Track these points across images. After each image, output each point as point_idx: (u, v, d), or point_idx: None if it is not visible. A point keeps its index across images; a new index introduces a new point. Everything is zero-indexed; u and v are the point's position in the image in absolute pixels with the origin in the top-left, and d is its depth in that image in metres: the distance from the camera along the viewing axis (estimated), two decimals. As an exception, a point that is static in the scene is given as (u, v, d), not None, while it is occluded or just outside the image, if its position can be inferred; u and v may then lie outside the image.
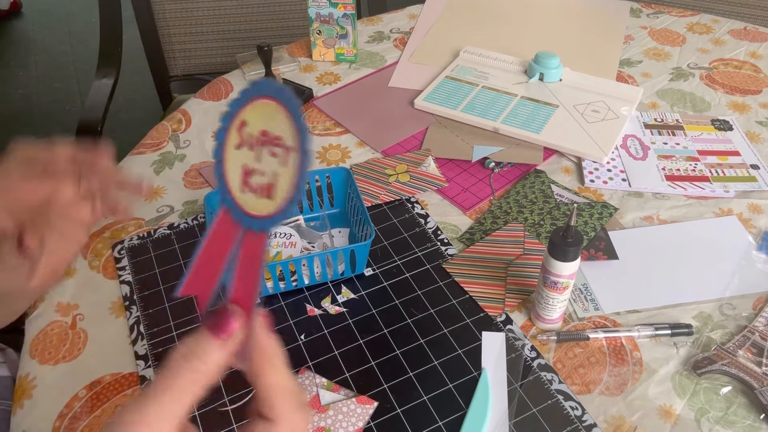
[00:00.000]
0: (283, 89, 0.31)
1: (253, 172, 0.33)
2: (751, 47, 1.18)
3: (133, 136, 1.19)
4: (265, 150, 0.32)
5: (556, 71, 1.05)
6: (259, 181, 0.33)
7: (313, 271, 0.73)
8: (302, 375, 0.63)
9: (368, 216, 0.72)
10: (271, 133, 0.32)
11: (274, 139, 0.32)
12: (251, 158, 0.33)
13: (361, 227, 0.75)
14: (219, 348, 0.31)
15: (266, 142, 0.32)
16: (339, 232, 0.81)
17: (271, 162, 0.32)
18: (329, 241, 0.79)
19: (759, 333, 0.67)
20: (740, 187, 0.86)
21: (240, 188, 0.34)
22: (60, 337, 0.70)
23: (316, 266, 0.73)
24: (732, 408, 0.61)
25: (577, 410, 0.61)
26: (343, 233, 0.80)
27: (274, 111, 0.32)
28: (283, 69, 1.14)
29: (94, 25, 1.42)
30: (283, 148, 0.32)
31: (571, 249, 0.61)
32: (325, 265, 0.74)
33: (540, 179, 0.88)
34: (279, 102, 0.31)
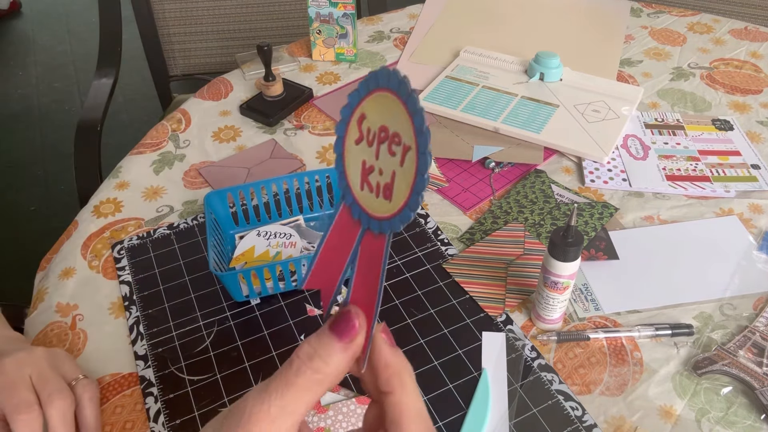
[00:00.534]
0: (404, 82, 0.28)
1: (372, 169, 0.31)
2: (752, 47, 1.18)
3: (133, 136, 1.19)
4: (384, 147, 0.30)
5: (557, 71, 1.05)
6: (378, 180, 0.31)
7: None
8: None
9: None
10: (390, 130, 0.30)
11: (393, 136, 0.30)
12: (370, 155, 0.31)
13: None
14: (341, 351, 0.30)
15: (385, 139, 0.30)
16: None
17: (390, 161, 0.30)
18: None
19: (759, 333, 0.67)
20: (741, 187, 0.86)
21: (359, 185, 0.32)
22: (59, 338, 0.70)
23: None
24: (732, 408, 0.61)
25: (577, 410, 0.61)
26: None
27: (393, 105, 0.29)
28: (283, 69, 1.14)
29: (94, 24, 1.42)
30: (401, 146, 0.29)
31: (571, 249, 0.61)
32: None
33: (540, 179, 0.88)
34: (398, 96, 0.29)
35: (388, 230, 0.31)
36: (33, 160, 2.25)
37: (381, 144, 0.30)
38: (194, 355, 0.67)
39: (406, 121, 0.29)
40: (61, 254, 0.80)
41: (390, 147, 0.30)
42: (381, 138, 0.30)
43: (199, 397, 0.63)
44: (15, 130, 2.40)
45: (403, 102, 0.29)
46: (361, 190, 0.32)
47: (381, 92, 0.30)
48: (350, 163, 0.32)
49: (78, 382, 0.60)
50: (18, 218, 2.03)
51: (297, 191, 0.84)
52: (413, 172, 0.29)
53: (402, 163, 0.29)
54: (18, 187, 2.15)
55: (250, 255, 0.76)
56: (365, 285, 0.32)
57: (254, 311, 0.72)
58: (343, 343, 0.30)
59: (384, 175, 0.31)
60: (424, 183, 0.29)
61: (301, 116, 1.03)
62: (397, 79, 0.29)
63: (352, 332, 0.31)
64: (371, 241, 0.32)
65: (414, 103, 0.29)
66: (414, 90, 0.28)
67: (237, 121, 1.02)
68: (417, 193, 0.29)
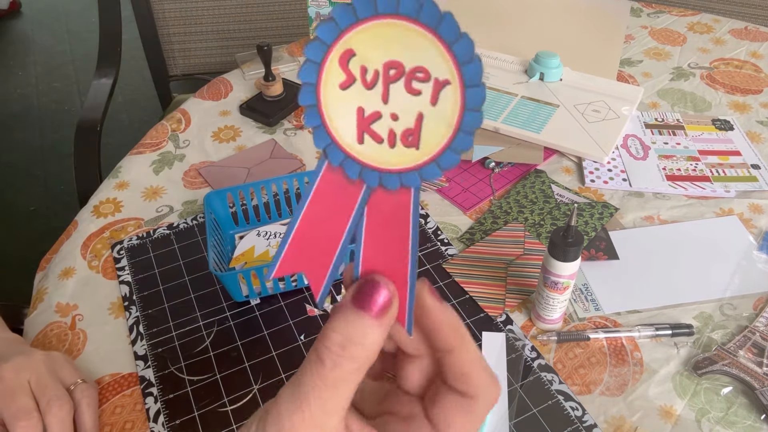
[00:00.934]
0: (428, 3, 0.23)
1: (377, 116, 0.26)
2: (752, 47, 1.18)
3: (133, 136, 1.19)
4: (397, 87, 0.25)
5: (557, 71, 1.05)
6: (392, 127, 0.26)
7: None
8: None
9: None
10: (407, 65, 0.24)
11: (414, 71, 0.24)
12: (371, 98, 0.25)
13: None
14: (376, 327, 0.26)
15: (398, 77, 0.24)
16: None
17: (411, 102, 0.25)
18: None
19: (760, 333, 0.67)
20: (741, 187, 0.86)
21: (356, 137, 0.26)
22: (59, 338, 0.70)
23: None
24: (732, 408, 0.61)
25: (577, 411, 0.61)
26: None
27: (409, 34, 0.24)
28: (283, 69, 1.14)
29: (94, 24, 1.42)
30: (430, 82, 0.24)
31: (571, 249, 0.61)
32: None
33: (540, 179, 0.88)
34: (419, 22, 0.23)
35: (417, 182, 0.26)
36: (32, 160, 2.25)
37: (391, 83, 0.25)
38: (194, 355, 0.67)
39: (434, 51, 0.24)
40: (61, 254, 0.80)
41: (409, 85, 0.24)
42: (390, 77, 0.25)
43: (199, 398, 0.63)
44: (14, 130, 2.40)
45: (430, 29, 0.23)
46: (360, 143, 0.26)
47: (383, 20, 0.24)
48: (335, 114, 0.26)
49: (77, 387, 0.60)
50: (17, 218, 2.03)
51: (297, 191, 0.84)
52: (458, 107, 0.25)
53: (434, 101, 0.24)
54: (18, 187, 2.15)
55: (250, 255, 0.76)
56: (386, 250, 0.27)
57: (254, 311, 0.72)
58: (376, 318, 0.26)
59: (402, 120, 0.25)
60: (478, 119, 0.24)
61: (301, 116, 1.03)
62: (413, 2, 0.23)
63: (385, 302, 0.26)
64: (386, 199, 0.27)
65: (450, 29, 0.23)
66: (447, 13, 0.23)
67: (237, 121, 1.02)
68: (465, 132, 0.25)
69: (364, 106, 0.25)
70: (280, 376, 0.65)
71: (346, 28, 0.24)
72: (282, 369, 0.66)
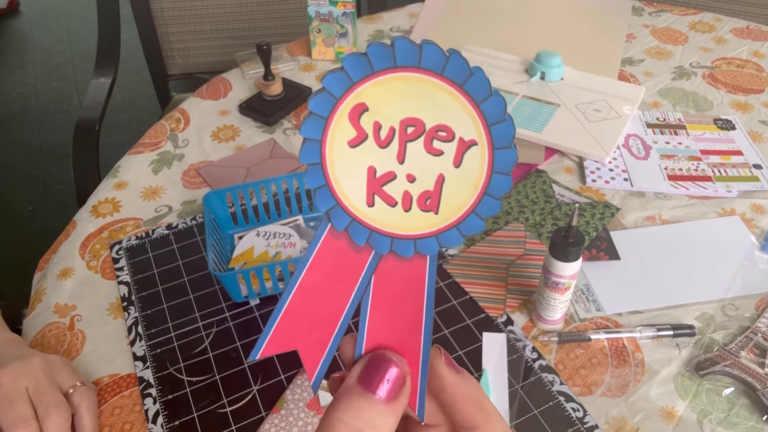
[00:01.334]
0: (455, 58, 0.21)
1: (392, 176, 0.24)
2: (754, 46, 1.18)
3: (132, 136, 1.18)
4: (416, 146, 0.23)
5: (558, 70, 1.05)
6: (408, 189, 0.24)
7: None
8: (301, 376, 0.62)
9: None
10: (428, 123, 0.22)
11: (435, 129, 0.23)
12: (384, 157, 0.23)
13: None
14: (389, 413, 0.23)
15: (417, 135, 0.23)
16: (339, 232, 0.80)
17: (431, 162, 0.23)
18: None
19: (762, 334, 0.67)
20: (743, 186, 0.86)
21: (366, 200, 0.24)
22: (58, 338, 0.69)
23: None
24: (734, 409, 0.61)
25: (578, 412, 0.61)
26: (342, 233, 0.80)
27: (428, 88, 0.22)
28: (282, 68, 1.13)
29: (92, 24, 1.41)
30: (454, 141, 0.23)
31: (572, 249, 0.61)
32: None
33: (541, 179, 0.87)
34: (444, 78, 0.22)
35: (435, 249, 0.24)
36: (31, 159, 2.25)
37: (408, 141, 0.23)
38: (193, 355, 0.67)
39: (460, 109, 0.22)
40: (59, 254, 0.80)
41: (429, 144, 0.23)
42: (407, 135, 0.23)
43: (198, 398, 0.63)
44: (13, 130, 2.40)
45: (457, 85, 0.22)
46: (370, 205, 0.24)
47: (402, 73, 0.22)
48: (342, 174, 0.24)
49: (75, 390, 0.60)
50: (16, 218, 2.02)
51: (297, 191, 0.83)
52: (485, 170, 0.23)
53: (458, 163, 0.23)
54: (16, 187, 2.14)
55: (249, 255, 0.75)
56: (395, 324, 0.25)
57: (253, 312, 0.71)
58: (387, 402, 0.23)
59: (419, 182, 0.24)
60: (507, 183, 0.22)
61: (301, 116, 1.03)
62: (438, 56, 0.21)
63: (398, 382, 0.24)
64: (397, 267, 0.25)
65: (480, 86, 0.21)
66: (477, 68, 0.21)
67: (236, 121, 1.02)
68: (492, 197, 0.23)
69: (376, 165, 0.23)
70: (279, 377, 0.64)
71: (359, 80, 0.22)
72: (281, 370, 0.65)
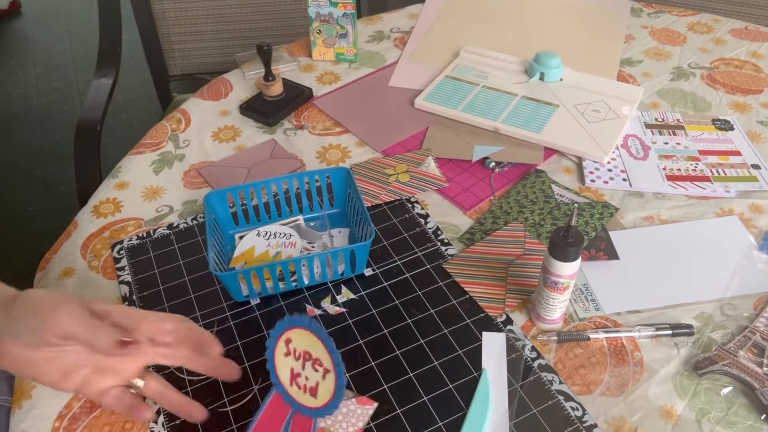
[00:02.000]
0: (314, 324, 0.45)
1: (299, 375, 0.49)
2: (752, 47, 1.18)
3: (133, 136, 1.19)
4: (309, 365, 0.47)
5: (557, 71, 1.05)
6: (305, 383, 0.49)
7: (313, 271, 0.72)
8: None
9: (368, 216, 0.72)
10: (313, 356, 0.46)
11: (315, 361, 0.46)
12: (297, 366, 0.48)
13: (361, 227, 0.75)
14: None
15: (308, 359, 0.46)
16: (339, 232, 0.80)
17: (313, 374, 0.48)
18: (329, 241, 0.79)
19: (760, 333, 0.67)
20: (741, 187, 0.86)
21: (289, 383, 0.49)
22: (59, 338, 0.70)
23: (316, 266, 0.73)
24: (733, 408, 0.61)
25: (577, 411, 0.61)
26: (343, 233, 0.80)
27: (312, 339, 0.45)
28: (282, 68, 1.14)
29: (94, 24, 1.42)
30: (322, 368, 0.46)
31: (571, 249, 0.61)
32: (325, 266, 0.73)
33: (540, 179, 0.88)
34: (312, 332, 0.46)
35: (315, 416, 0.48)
36: (32, 160, 2.25)
37: (306, 362, 0.47)
38: (194, 355, 0.67)
39: (323, 351, 0.46)
40: (61, 254, 0.80)
41: (314, 366, 0.47)
42: (305, 358, 0.47)
43: (198, 398, 0.63)
44: (14, 130, 2.40)
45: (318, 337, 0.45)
46: (291, 386, 0.49)
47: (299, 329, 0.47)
48: (281, 367, 0.50)
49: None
50: (17, 218, 2.03)
51: (297, 191, 0.84)
52: (332, 387, 0.47)
53: (324, 378, 0.47)
54: (17, 187, 2.15)
55: (249, 255, 0.76)
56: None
57: (254, 311, 0.72)
58: None
59: (309, 381, 0.49)
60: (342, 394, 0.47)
61: (301, 116, 1.03)
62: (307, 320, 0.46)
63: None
64: (301, 419, 0.49)
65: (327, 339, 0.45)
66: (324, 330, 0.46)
67: (237, 121, 1.02)
68: (337, 399, 0.46)
69: (294, 369, 0.50)
70: (280, 376, 0.64)
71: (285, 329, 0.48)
72: (282, 369, 0.66)
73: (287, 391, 0.50)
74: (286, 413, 0.51)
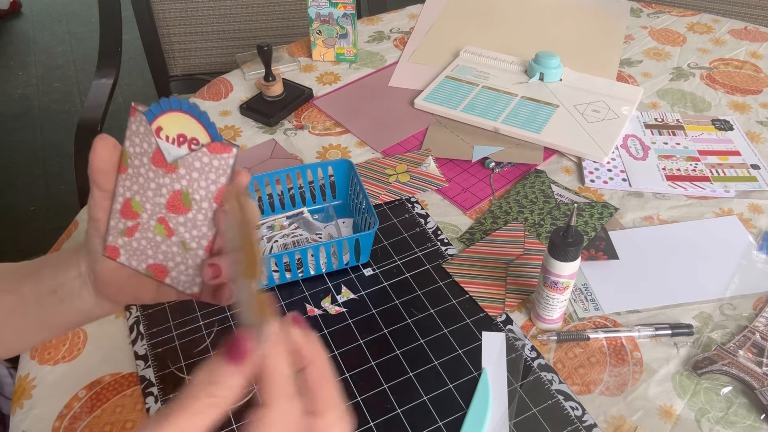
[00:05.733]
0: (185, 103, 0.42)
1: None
2: (752, 47, 1.18)
3: (133, 136, 1.18)
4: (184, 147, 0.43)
5: (557, 71, 1.05)
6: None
7: (319, 261, 0.73)
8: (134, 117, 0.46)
9: (371, 205, 0.73)
10: (188, 136, 0.43)
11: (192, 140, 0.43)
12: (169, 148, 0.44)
13: (364, 217, 0.76)
14: (236, 374, 0.32)
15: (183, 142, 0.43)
16: (343, 222, 0.81)
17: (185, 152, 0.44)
18: (336, 231, 0.80)
19: (759, 333, 0.67)
20: (741, 187, 0.86)
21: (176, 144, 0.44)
22: (59, 338, 0.70)
23: (322, 257, 0.73)
24: (732, 408, 0.61)
25: (577, 410, 0.61)
26: (347, 223, 0.81)
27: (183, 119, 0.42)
28: (283, 69, 1.14)
29: (94, 25, 1.42)
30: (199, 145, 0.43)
31: (571, 249, 0.61)
32: (331, 255, 0.73)
33: (540, 179, 0.88)
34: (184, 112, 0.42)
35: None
36: (33, 160, 2.25)
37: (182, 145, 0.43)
38: (194, 354, 0.67)
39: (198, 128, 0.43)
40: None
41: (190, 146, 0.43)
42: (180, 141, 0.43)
43: (199, 397, 0.63)
44: (15, 130, 2.40)
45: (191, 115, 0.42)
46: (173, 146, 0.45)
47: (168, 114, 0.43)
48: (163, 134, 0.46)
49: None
50: (18, 218, 2.03)
51: (300, 184, 0.84)
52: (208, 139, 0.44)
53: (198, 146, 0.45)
54: (18, 187, 2.15)
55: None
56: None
57: (254, 311, 0.72)
58: (237, 366, 0.32)
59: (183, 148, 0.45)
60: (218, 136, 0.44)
61: (301, 116, 1.03)
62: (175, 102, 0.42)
63: (245, 357, 0.32)
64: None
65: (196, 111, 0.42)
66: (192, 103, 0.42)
67: (237, 121, 1.02)
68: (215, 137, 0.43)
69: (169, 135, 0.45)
70: (280, 375, 0.65)
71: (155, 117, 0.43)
72: (282, 369, 0.66)
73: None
74: None
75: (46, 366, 0.67)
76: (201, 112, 0.42)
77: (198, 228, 0.45)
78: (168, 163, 0.44)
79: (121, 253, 0.47)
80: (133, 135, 0.45)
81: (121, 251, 0.47)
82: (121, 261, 0.48)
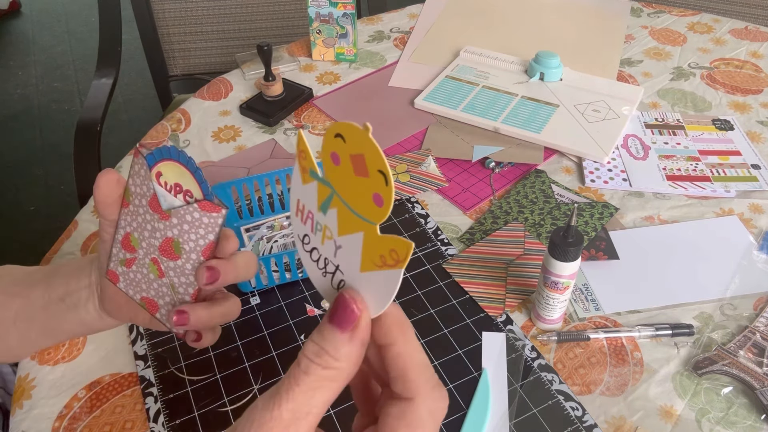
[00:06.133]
0: (183, 155, 0.43)
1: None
2: (752, 47, 1.18)
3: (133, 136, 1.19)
4: (180, 197, 0.44)
5: (557, 71, 1.05)
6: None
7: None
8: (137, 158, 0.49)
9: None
10: (183, 187, 0.44)
11: (186, 192, 0.44)
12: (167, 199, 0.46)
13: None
14: (348, 341, 0.28)
15: (179, 192, 0.44)
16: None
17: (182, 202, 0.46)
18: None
19: (760, 333, 0.67)
20: (741, 187, 0.86)
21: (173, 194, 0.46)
22: (59, 338, 0.70)
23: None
24: (733, 408, 0.61)
25: (577, 411, 0.61)
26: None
27: (181, 170, 0.44)
28: (282, 69, 1.14)
29: (94, 24, 1.42)
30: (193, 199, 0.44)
31: (571, 249, 0.61)
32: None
33: (540, 179, 0.88)
34: (182, 164, 0.43)
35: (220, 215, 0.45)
36: (33, 160, 2.25)
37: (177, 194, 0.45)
38: (194, 355, 0.67)
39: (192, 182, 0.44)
40: (61, 254, 0.80)
41: (185, 198, 0.44)
42: (176, 190, 0.45)
43: (199, 398, 0.63)
44: (15, 130, 2.40)
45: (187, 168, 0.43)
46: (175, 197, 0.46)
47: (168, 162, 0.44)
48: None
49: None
50: (18, 218, 2.03)
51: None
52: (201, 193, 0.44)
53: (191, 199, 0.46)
54: (18, 187, 2.15)
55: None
56: None
57: (254, 311, 0.72)
58: (347, 332, 0.28)
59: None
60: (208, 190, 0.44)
61: (301, 116, 1.03)
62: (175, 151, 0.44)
63: (353, 319, 0.28)
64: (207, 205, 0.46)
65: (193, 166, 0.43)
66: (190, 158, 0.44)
67: (237, 121, 1.02)
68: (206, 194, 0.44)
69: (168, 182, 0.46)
70: (280, 376, 0.64)
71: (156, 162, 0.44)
72: (282, 369, 0.66)
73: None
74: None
75: (45, 366, 0.67)
76: (196, 168, 0.43)
77: (186, 276, 0.47)
78: (163, 210, 0.47)
79: (121, 280, 0.50)
80: (135, 175, 0.47)
81: (120, 278, 0.50)
82: (120, 287, 0.51)
